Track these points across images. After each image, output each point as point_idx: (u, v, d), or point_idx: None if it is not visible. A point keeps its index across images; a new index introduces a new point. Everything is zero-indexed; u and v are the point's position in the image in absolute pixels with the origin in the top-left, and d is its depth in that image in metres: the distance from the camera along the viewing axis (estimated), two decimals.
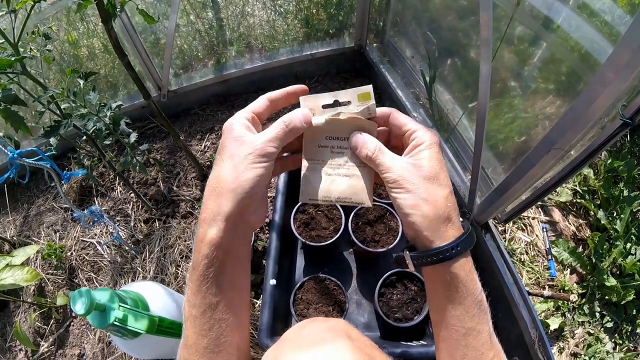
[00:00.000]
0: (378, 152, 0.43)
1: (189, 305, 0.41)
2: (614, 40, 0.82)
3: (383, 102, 1.82)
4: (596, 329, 1.37)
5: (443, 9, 1.42)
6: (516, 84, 1.17)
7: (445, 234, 0.39)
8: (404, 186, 0.40)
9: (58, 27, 1.55)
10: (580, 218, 1.59)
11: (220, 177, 0.40)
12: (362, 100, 0.44)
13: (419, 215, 0.39)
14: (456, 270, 0.39)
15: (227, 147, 0.41)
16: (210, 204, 0.40)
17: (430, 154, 0.41)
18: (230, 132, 0.42)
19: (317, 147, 0.45)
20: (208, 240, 0.40)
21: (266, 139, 0.41)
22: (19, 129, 0.99)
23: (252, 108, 0.44)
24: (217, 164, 0.42)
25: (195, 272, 0.40)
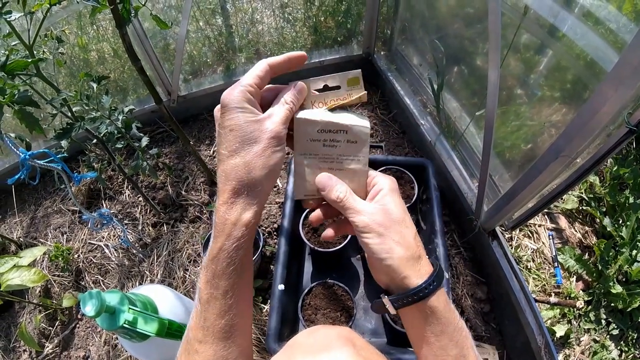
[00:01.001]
0: (348, 195, 0.44)
1: (209, 287, 0.41)
2: (619, 48, 0.83)
3: (391, 110, 1.83)
4: (602, 336, 1.36)
5: (450, 17, 1.43)
6: (522, 91, 1.18)
7: (419, 272, 0.41)
8: (376, 230, 0.41)
9: (69, 31, 1.57)
10: (586, 225, 1.60)
11: (251, 164, 0.40)
12: (351, 84, 0.44)
13: (394, 259, 0.41)
14: (435, 303, 0.41)
15: (245, 129, 0.40)
16: (244, 187, 0.40)
17: (393, 198, 0.44)
18: (239, 109, 0.40)
19: (308, 140, 0.45)
20: (244, 222, 0.40)
21: (279, 122, 0.41)
22: (34, 130, 1.00)
23: (252, 78, 0.42)
24: (237, 149, 0.40)
25: (222, 254, 0.40)
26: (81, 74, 1.05)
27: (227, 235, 0.40)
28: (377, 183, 0.45)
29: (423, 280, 0.41)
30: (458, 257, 1.40)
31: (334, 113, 0.44)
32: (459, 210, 1.43)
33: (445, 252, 1.10)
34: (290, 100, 0.43)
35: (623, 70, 0.66)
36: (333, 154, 0.45)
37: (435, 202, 1.18)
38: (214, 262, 0.41)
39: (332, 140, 0.45)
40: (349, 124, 0.44)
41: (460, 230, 1.45)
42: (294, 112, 0.43)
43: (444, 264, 1.08)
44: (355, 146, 0.45)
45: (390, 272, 0.41)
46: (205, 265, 0.42)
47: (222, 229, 0.40)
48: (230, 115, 0.40)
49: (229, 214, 0.40)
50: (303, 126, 0.44)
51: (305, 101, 0.45)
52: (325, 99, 0.45)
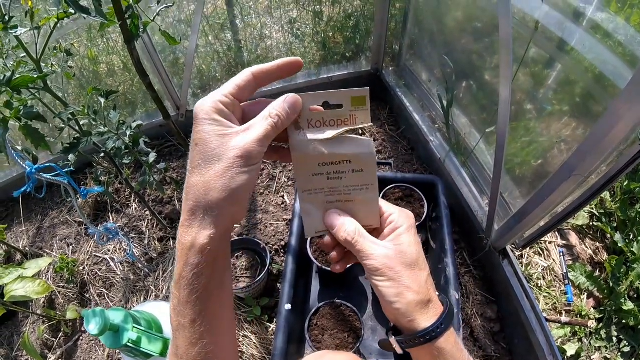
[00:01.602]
0: (358, 236, 0.42)
1: (176, 315, 0.39)
2: (628, 60, 0.82)
3: (399, 126, 1.82)
4: (613, 354, 1.33)
5: (458, 32, 1.43)
6: (532, 106, 1.17)
7: (427, 315, 0.41)
8: (386, 275, 0.40)
9: (79, 43, 1.58)
10: (597, 241, 1.57)
11: (210, 185, 0.35)
12: (355, 105, 0.39)
13: (403, 303, 0.40)
14: (443, 345, 0.40)
15: (209, 144, 0.36)
16: (200, 209, 0.36)
17: (409, 238, 0.42)
18: (207, 122, 0.36)
19: (311, 175, 0.41)
20: (198, 248, 0.36)
21: (254, 139, 0.36)
22: (39, 146, 1.00)
23: (230, 88, 0.37)
24: (199, 165, 0.36)
25: (182, 281, 0.37)
26: (89, 89, 1.05)
27: (184, 261, 0.37)
28: (395, 221, 0.43)
29: (431, 323, 0.40)
30: (468, 276, 1.38)
31: (332, 141, 0.40)
32: (469, 229, 1.41)
33: (455, 271, 1.08)
34: (276, 114, 0.37)
35: (637, 88, 0.64)
36: (339, 186, 0.42)
37: (445, 220, 1.16)
38: (177, 288, 0.38)
39: (336, 172, 0.41)
40: (352, 153, 0.40)
41: (471, 248, 1.43)
42: (280, 128, 0.38)
43: (453, 283, 1.06)
44: (362, 175, 0.42)
45: (398, 315, 0.41)
46: (172, 290, 0.39)
47: (180, 253, 0.38)
48: (197, 128, 0.36)
49: (184, 237, 0.37)
50: (302, 162, 0.41)
51: (301, 118, 0.40)
52: (324, 118, 0.40)
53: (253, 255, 1.33)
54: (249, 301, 1.31)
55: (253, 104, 0.41)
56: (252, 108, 0.41)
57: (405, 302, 0.40)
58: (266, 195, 1.62)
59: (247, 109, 0.41)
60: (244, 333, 1.28)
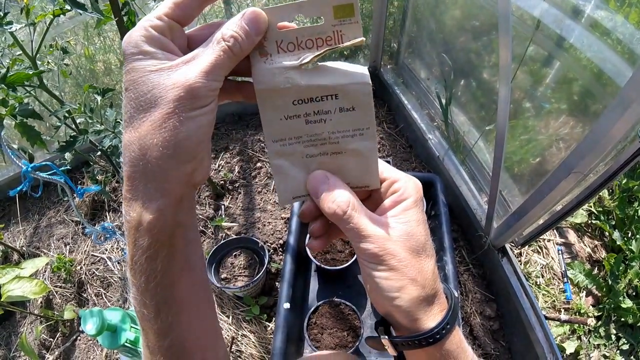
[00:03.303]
0: (352, 210, 0.31)
1: (138, 305, 0.31)
2: (627, 57, 0.82)
3: (397, 124, 1.82)
4: (612, 351, 1.34)
5: (457, 31, 1.42)
6: (530, 104, 1.17)
7: (431, 312, 0.32)
8: (388, 263, 0.31)
9: (75, 41, 1.57)
10: (595, 239, 1.57)
11: (146, 141, 0.27)
12: (340, 16, 0.28)
13: (405, 300, 0.31)
14: (447, 346, 0.32)
15: (140, 85, 0.27)
16: (139, 176, 0.28)
17: (417, 215, 0.33)
18: (136, 56, 0.27)
19: (283, 118, 0.31)
20: (146, 227, 0.28)
21: (201, 71, 0.27)
22: (35, 143, 1.00)
23: (165, 8, 0.28)
24: (131, 117, 0.27)
25: (136, 267, 0.30)
26: (85, 86, 1.04)
27: (133, 243, 0.29)
28: (402, 190, 0.33)
29: (436, 322, 0.32)
30: (467, 274, 1.38)
31: (312, 69, 0.29)
32: (468, 227, 1.41)
33: (454, 269, 1.08)
34: (231, 35, 0.27)
35: (637, 86, 0.64)
36: (323, 132, 0.31)
37: (444, 218, 1.16)
38: (132, 274, 0.31)
39: (317, 112, 0.30)
40: (339, 84, 0.29)
41: (469, 246, 1.43)
42: (238, 55, 0.28)
43: (452, 281, 1.06)
44: (354, 115, 0.31)
45: (396, 312, 0.32)
46: (127, 276, 0.31)
47: (127, 233, 0.30)
48: (126, 67, 0.27)
49: (128, 212, 0.29)
50: (269, 100, 0.30)
51: (267, 41, 0.29)
52: (299, 37, 0.29)
53: (251, 254, 1.33)
54: (248, 300, 1.30)
55: (202, 28, 0.31)
56: (200, 32, 0.30)
57: (408, 299, 0.31)
58: (264, 194, 1.61)
59: (195, 34, 0.30)
60: (243, 332, 1.27)
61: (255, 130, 1.86)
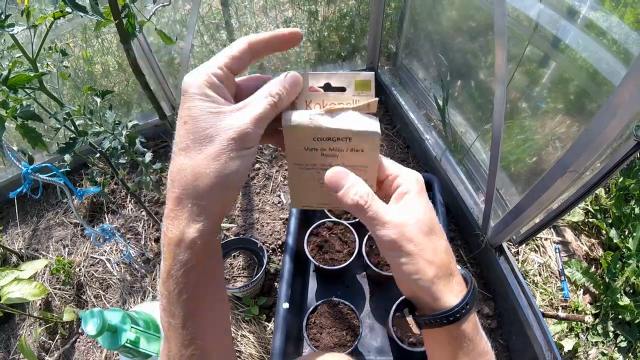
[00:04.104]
0: (371, 200, 0.35)
1: (166, 315, 0.35)
2: (622, 57, 0.82)
3: (395, 124, 1.82)
4: (610, 348, 1.34)
5: (454, 32, 1.43)
6: (527, 105, 1.18)
7: (452, 291, 0.35)
8: (405, 248, 0.34)
9: (74, 43, 1.58)
10: (592, 237, 1.58)
11: (199, 170, 0.32)
12: (360, 89, 0.35)
13: (425, 280, 0.34)
14: (464, 326, 0.35)
15: (200, 122, 0.32)
16: (188, 199, 0.32)
17: (422, 203, 0.36)
18: (198, 97, 0.32)
19: (303, 149, 0.36)
20: (188, 244, 0.33)
21: (251, 119, 0.32)
22: (36, 145, 1.00)
23: (224, 59, 0.33)
24: (187, 147, 0.32)
25: (171, 280, 0.33)
26: (85, 88, 1.04)
27: (172, 258, 0.33)
28: (403, 184, 0.36)
29: (457, 301, 0.34)
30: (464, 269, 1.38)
31: (333, 115, 0.35)
32: (465, 226, 1.41)
33: None
34: (276, 93, 0.33)
35: (631, 85, 0.65)
36: (333, 163, 0.37)
37: (441, 218, 1.17)
38: (165, 287, 0.34)
39: (332, 149, 0.36)
40: (352, 129, 0.34)
41: (467, 245, 1.44)
42: (279, 109, 0.34)
43: None
44: (362, 155, 0.36)
45: (419, 292, 0.35)
46: (159, 289, 0.35)
47: (166, 249, 0.33)
48: (186, 103, 0.32)
49: (170, 230, 0.33)
50: (294, 133, 0.35)
51: (299, 99, 0.35)
52: (325, 100, 0.36)
53: (250, 255, 1.33)
54: (247, 301, 1.31)
55: (248, 79, 0.37)
56: (247, 83, 0.36)
57: (427, 280, 0.34)
58: (262, 195, 1.62)
59: (242, 84, 0.36)
60: (242, 332, 1.28)
61: None
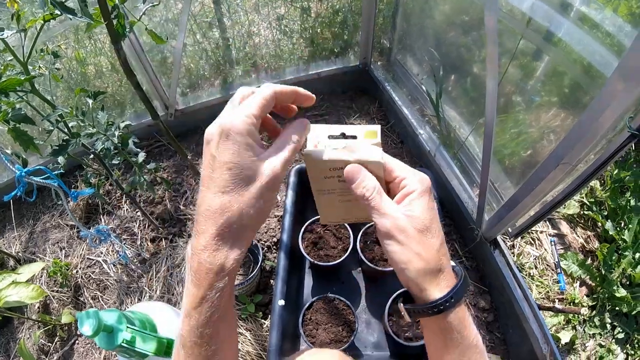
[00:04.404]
0: (376, 193, 0.41)
1: (193, 336, 0.38)
2: (616, 50, 0.82)
3: (389, 120, 1.83)
4: (607, 340, 1.35)
5: (448, 26, 1.43)
6: (521, 98, 1.18)
7: (438, 286, 0.39)
8: (397, 238, 0.39)
9: (66, 44, 1.57)
10: (588, 230, 1.59)
11: (245, 208, 0.37)
12: (368, 137, 0.43)
13: (411, 270, 0.39)
14: (450, 319, 0.39)
15: (243, 167, 0.36)
16: (229, 233, 0.37)
17: (422, 203, 0.40)
18: (241, 144, 0.36)
19: (323, 178, 0.45)
20: (227, 272, 0.37)
21: (281, 163, 0.38)
22: (28, 148, 1.00)
23: (257, 107, 0.38)
24: (230, 188, 0.37)
25: (206, 304, 0.37)
26: (77, 90, 1.04)
27: (209, 284, 0.37)
28: (407, 185, 0.41)
29: (441, 295, 0.39)
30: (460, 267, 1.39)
31: (343, 148, 0.43)
32: (460, 220, 1.42)
33: None
34: (297, 139, 0.40)
35: (623, 75, 0.65)
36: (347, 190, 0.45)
37: None
38: (198, 311, 0.38)
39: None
40: (361, 159, 0.42)
41: (462, 239, 1.44)
42: (298, 151, 0.41)
43: None
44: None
45: (408, 282, 0.40)
46: (187, 312, 0.38)
47: (204, 277, 0.37)
48: (230, 149, 0.36)
49: (211, 261, 0.37)
50: (315, 166, 0.43)
51: (318, 145, 0.44)
52: (339, 145, 0.44)
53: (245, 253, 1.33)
54: (243, 298, 1.31)
55: (268, 119, 0.44)
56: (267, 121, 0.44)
57: (413, 270, 0.39)
58: None
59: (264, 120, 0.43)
60: (239, 330, 1.28)
61: None
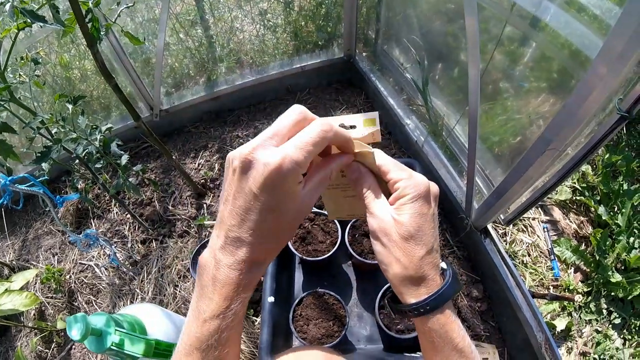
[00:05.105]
0: (370, 192, 0.42)
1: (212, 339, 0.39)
2: (604, 33, 0.80)
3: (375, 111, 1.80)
4: (604, 326, 1.34)
5: (432, 15, 1.42)
6: (509, 85, 1.16)
7: (416, 293, 0.40)
8: (381, 240, 0.40)
9: (50, 50, 1.56)
10: (581, 215, 1.58)
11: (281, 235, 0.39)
12: (367, 125, 0.45)
13: (390, 272, 0.41)
14: (430, 324, 0.40)
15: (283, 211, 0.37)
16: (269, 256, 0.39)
17: (412, 208, 0.39)
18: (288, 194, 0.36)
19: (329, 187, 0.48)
20: (253, 285, 0.39)
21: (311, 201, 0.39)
22: (8, 157, 0.99)
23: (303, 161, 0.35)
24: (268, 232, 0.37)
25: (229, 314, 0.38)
26: (56, 96, 1.04)
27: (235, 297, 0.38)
28: (400, 188, 0.40)
29: (416, 301, 0.40)
30: (452, 257, 1.38)
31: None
32: (449, 210, 1.41)
33: None
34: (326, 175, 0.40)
35: (608, 56, 0.64)
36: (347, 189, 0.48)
37: None
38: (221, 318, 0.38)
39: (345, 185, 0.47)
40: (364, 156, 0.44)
41: (453, 229, 1.43)
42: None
43: None
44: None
45: (390, 282, 0.42)
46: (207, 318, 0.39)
47: (232, 290, 0.38)
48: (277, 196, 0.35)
49: (239, 279, 0.38)
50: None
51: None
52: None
53: None
54: None
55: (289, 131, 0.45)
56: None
57: (392, 274, 0.40)
58: None
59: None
60: None
61: (233, 127, 1.85)
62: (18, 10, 0.82)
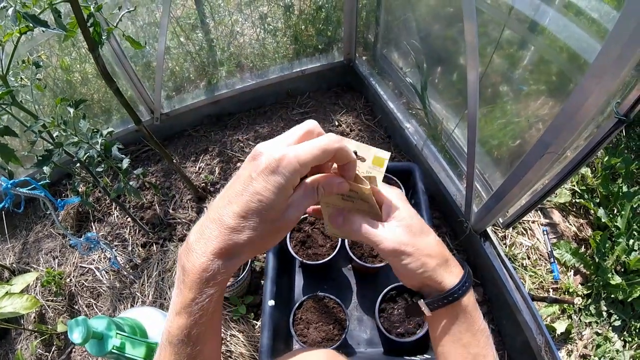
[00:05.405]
0: (366, 229, 0.43)
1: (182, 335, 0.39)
2: (602, 37, 0.81)
3: (375, 114, 1.82)
4: (604, 328, 1.34)
5: (431, 19, 1.42)
6: (507, 88, 1.17)
7: (452, 274, 0.43)
8: (406, 251, 0.42)
9: (51, 53, 1.56)
10: (580, 218, 1.58)
11: (254, 241, 0.38)
12: (375, 164, 0.45)
13: (429, 271, 0.42)
14: (466, 302, 0.42)
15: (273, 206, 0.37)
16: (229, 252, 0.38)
17: (407, 211, 0.44)
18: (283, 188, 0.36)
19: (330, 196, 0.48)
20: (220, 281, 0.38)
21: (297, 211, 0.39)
22: (10, 160, 0.99)
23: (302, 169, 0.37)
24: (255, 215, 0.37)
25: (195, 307, 0.38)
26: (57, 100, 1.04)
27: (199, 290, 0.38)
28: (385, 201, 0.44)
29: (457, 280, 0.42)
30: None
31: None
32: (449, 213, 1.41)
33: None
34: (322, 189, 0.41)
35: (606, 60, 0.64)
36: (350, 202, 0.47)
37: (424, 206, 1.17)
38: (187, 312, 0.39)
39: (349, 196, 0.47)
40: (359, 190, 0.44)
41: (452, 232, 1.44)
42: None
43: None
44: (368, 204, 0.47)
45: (425, 281, 0.42)
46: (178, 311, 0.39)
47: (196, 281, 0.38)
48: (270, 183, 0.36)
49: (205, 268, 0.38)
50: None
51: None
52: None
53: None
54: (234, 300, 1.31)
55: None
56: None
57: (431, 269, 0.42)
58: None
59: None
60: (231, 332, 1.28)
61: (233, 130, 1.85)
62: (20, 15, 0.82)
